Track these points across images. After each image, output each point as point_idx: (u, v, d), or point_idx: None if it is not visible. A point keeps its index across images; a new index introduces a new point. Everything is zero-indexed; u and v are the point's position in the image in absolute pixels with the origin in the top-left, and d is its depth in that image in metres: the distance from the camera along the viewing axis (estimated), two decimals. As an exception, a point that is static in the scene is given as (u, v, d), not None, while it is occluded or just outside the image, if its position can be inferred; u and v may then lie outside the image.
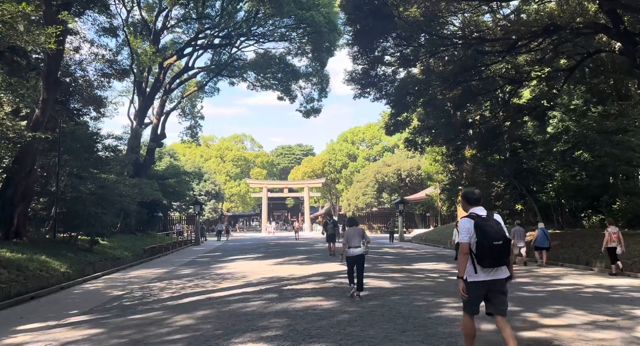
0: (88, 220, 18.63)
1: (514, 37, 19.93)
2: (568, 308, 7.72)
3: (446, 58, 24.54)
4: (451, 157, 26.78)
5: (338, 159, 65.47)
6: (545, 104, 23.06)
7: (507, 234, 4.58)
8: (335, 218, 40.73)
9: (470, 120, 25.66)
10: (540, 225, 16.81)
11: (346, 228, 9.46)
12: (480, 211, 4.66)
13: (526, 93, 28.19)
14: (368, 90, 22.07)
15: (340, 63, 69.41)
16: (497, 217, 4.71)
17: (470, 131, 25.93)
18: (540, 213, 23.35)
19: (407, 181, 52.99)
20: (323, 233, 37.77)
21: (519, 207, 23.14)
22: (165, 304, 9.05)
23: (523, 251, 16.57)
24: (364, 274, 9.12)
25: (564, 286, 10.58)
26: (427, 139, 25.33)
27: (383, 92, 22.42)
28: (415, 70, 25.44)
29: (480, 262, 4.49)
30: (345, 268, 9.38)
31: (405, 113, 24.13)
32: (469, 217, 4.65)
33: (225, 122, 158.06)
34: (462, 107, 24.18)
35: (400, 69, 22.46)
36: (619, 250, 12.51)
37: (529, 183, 23.73)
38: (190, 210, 42.30)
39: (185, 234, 37.50)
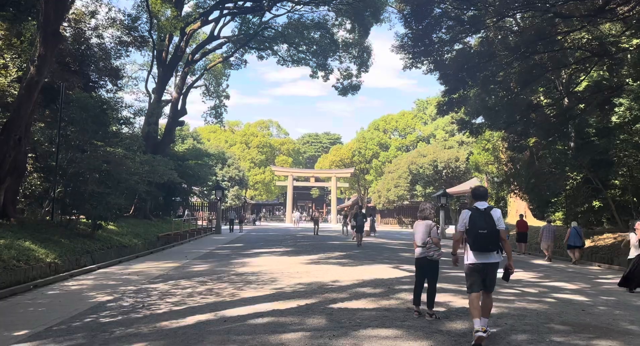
0: (89, 200, 15.89)
1: (606, -5, 16.30)
2: None
3: (514, 27, 21.01)
4: (514, 143, 23.14)
5: (369, 148, 61.88)
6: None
7: (497, 226, 5.29)
8: (363, 210, 37.21)
9: (536, 102, 22.00)
10: (574, 223, 17.06)
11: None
12: (481, 205, 5.49)
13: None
14: (423, 59, 18.64)
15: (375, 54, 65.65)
16: (495, 211, 5.44)
17: (534, 114, 22.30)
18: (617, 212, 19.77)
19: (443, 173, 49.23)
20: (339, 221, 33.68)
21: (596, 204, 19.49)
22: (157, 326, 6.01)
23: (545, 248, 17.31)
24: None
25: None
26: (482, 122, 21.73)
27: (438, 64, 18.97)
28: (472, 42, 21.89)
29: (471, 247, 5.42)
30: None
31: (462, 91, 20.68)
32: (469, 210, 5.50)
33: (250, 110, 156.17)
34: (529, 85, 20.56)
35: (461, 35, 18.91)
36: None
37: (607, 176, 20.17)
38: (212, 196, 39.60)
39: (200, 222, 33.22)
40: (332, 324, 5.91)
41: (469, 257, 5.43)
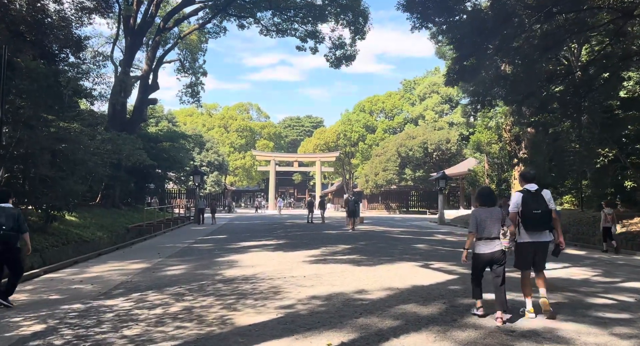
0: (40, 186, 13.08)
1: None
2: None
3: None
4: (521, 120, 20.88)
5: (354, 131, 59.30)
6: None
7: (549, 206, 5.50)
8: (346, 196, 34.55)
9: (556, 71, 19.73)
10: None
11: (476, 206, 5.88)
12: (531, 187, 5.64)
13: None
14: (436, 19, 16.08)
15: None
16: (545, 192, 5.62)
17: (554, 86, 20.08)
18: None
19: (434, 155, 47.13)
20: (335, 208, 31.11)
21: (628, 184, 17.41)
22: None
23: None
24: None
25: None
26: (499, 92, 19.39)
27: (450, 25, 16.45)
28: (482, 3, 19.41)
29: (524, 227, 5.55)
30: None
31: (474, 58, 18.25)
32: (520, 192, 5.70)
33: (228, 95, 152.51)
34: (550, 51, 18.27)
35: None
36: (613, 229, 13.46)
37: (630, 154, 18.26)
38: (190, 183, 36.66)
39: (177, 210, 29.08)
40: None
41: (522, 236, 5.61)
